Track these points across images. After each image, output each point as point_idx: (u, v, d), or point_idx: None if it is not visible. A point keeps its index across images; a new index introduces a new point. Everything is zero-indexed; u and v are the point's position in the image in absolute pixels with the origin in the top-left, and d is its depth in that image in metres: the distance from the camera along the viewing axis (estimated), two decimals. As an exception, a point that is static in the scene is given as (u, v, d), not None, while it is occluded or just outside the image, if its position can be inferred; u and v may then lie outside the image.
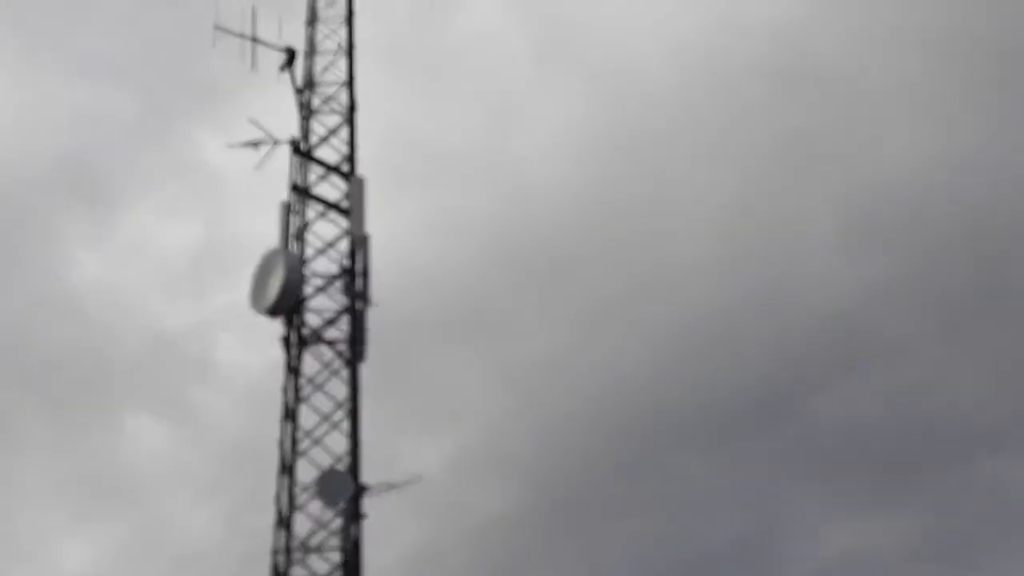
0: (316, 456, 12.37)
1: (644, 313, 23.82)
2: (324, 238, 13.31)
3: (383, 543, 12.18)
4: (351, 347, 12.73)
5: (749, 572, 22.95)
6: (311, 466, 12.31)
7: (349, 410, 12.51)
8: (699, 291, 23.92)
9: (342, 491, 12.01)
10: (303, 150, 13.63)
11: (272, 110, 13.92)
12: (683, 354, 23.70)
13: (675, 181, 24.77)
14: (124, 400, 24.20)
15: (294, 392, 12.66)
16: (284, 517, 12.18)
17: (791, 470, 23.98)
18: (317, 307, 13.00)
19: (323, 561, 11.96)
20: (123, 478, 23.47)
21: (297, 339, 12.82)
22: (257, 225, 13.90)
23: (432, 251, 21.61)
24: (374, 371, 12.77)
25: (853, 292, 24.31)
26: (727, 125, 24.75)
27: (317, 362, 12.76)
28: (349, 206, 13.39)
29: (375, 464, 12.31)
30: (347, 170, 13.57)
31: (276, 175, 13.59)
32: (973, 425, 23.73)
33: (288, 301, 12.85)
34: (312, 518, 12.11)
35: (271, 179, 13.63)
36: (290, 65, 13.87)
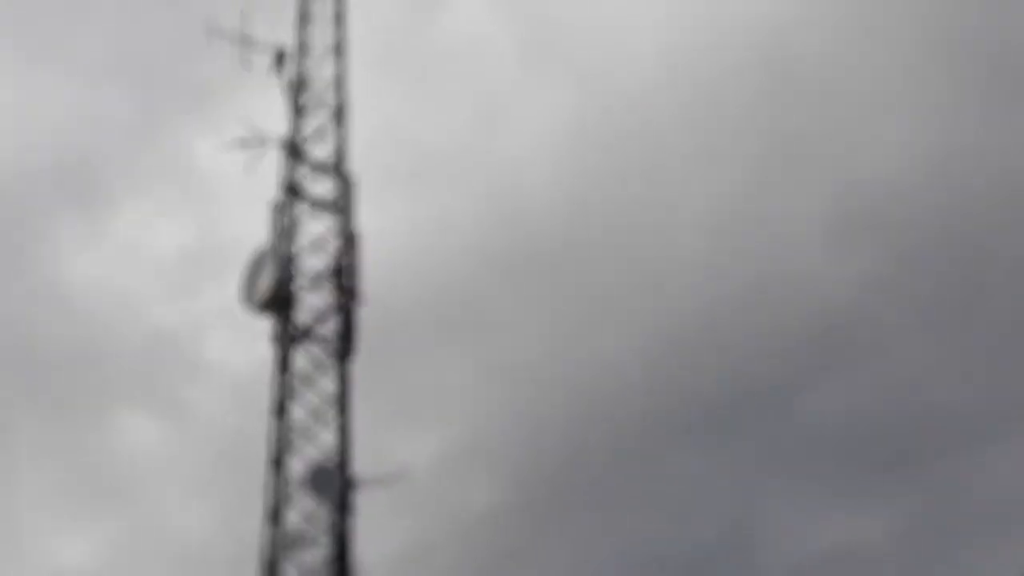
0: (306, 451, 12.40)
1: (632, 310, 23.93)
2: (314, 236, 13.35)
3: (372, 538, 12.23)
4: (341, 344, 12.74)
5: (738, 567, 23.03)
6: (301, 461, 12.33)
7: (339, 406, 12.53)
8: (688, 288, 24.03)
9: (332, 486, 12.06)
10: (293, 149, 13.67)
11: (264, 110, 14.00)
12: (672, 350, 23.80)
13: (663, 180, 24.87)
14: (118, 398, 24.27)
15: (284, 388, 12.68)
16: (273, 512, 12.22)
17: (780, 465, 24.09)
18: (307, 304, 13.02)
19: (313, 555, 11.98)
20: (117, 475, 23.54)
21: (287, 336, 12.84)
22: (248, 224, 13.95)
23: (421, 249, 21.67)
24: (364, 368, 12.82)
25: (840, 288, 24.44)
26: (715, 124, 24.85)
27: (307, 359, 12.78)
28: (340, 204, 13.43)
29: (365, 459, 12.37)
30: (338, 168, 13.61)
31: (268, 174, 13.64)
32: (960, 420, 23.87)
33: (278, 298, 12.88)
34: (302, 513, 12.16)
35: (263, 178, 13.69)
36: (280, 65, 13.93)
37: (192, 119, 24.81)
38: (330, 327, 12.86)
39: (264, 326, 12.97)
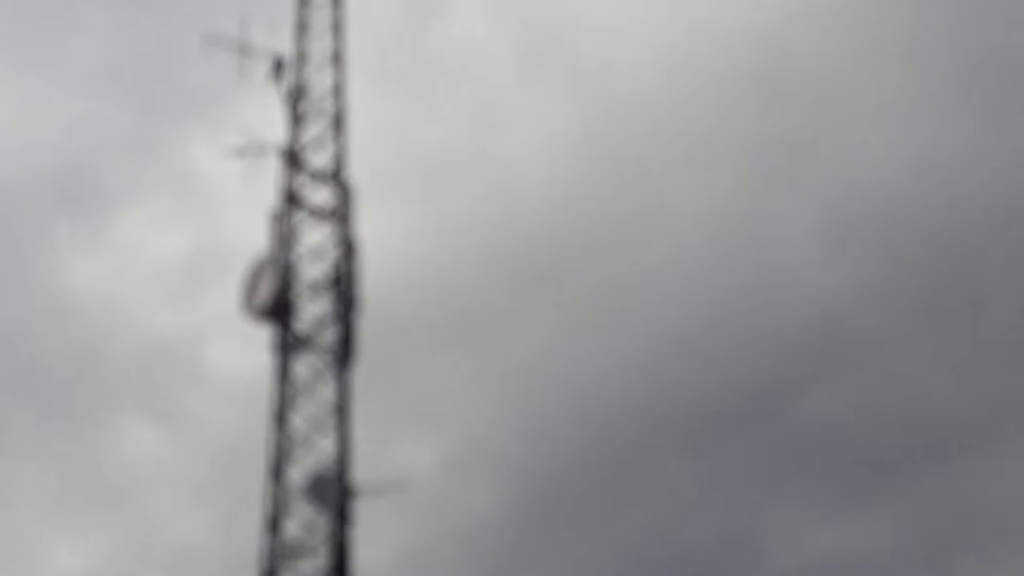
0: (306, 460, 12.38)
1: (630, 315, 23.90)
2: (314, 244, 13.33)
3: (372, 545, 12.20)
4: (341, 352, 12.73)
5: (736, 573, 22.99)
6: (301, 470, 12.31)
7: (339, 415, 12.51)
8: (684, 292, 24.02)
9: (331, 495, 12.02)
10: (292, 157, 13.66)
11: (263, 118, 14.01)
12: (668, 354, 23.79)
13: (660, 184, 24.85)
14: (117, 405, 24.25)
15: (284, 396, 12.67)
16: (272, 521, 12.21)
17: (777, 470, 24.06)
18: (307, 313, 13.01)
19: (311, 565, 11.96)
20: (116, 482, 23.50)
21: (287, 344, 12.83)
22: (247, 232, 13.92)
23: (421, 257, 21.64)
24: (364, 376, 12.81)
25: (834, 293, 24.43)
26: (711, 128, 24.84)
27: (307, 367, 12.77)
28: (339, 212, 13.42)
29: (365, 467, 12.35)
30: (337, 176, 13.59)
31: (267, 182, 13.64)
32: (959, 425, 23.84)
33: (278, 307, 12.87)
34: (301, 522, 12.13)
35: (262, 186, 13.69)
36: (279, 73, 13.92)
37: (191, 127, 24.83)
38: (330, 335, 12.85)
39: (263, 334, 12.97)
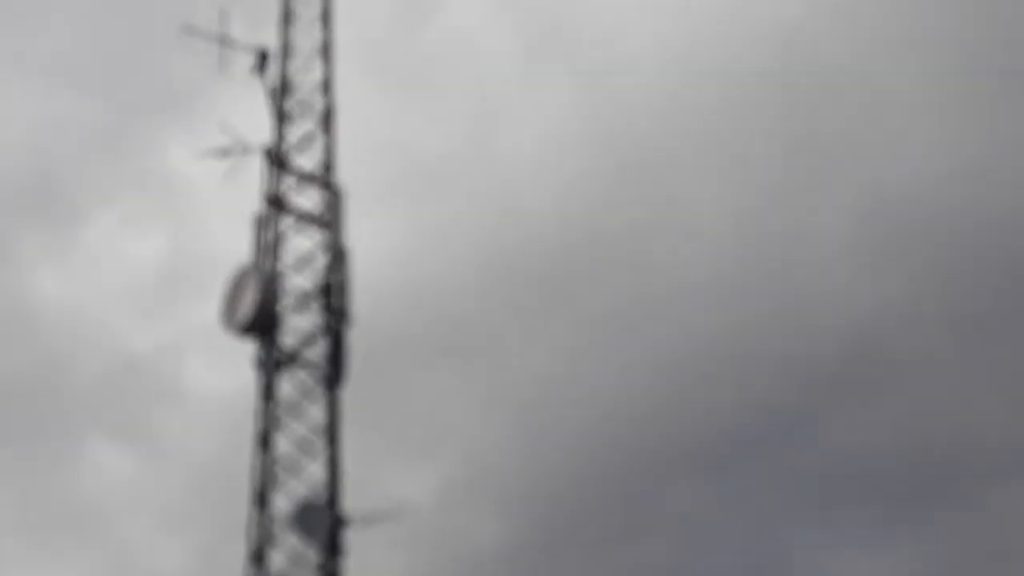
0: (292, 487, 12.31)
1: (645, 333, 23.78)
2: (300, 252, 13.29)
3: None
4: (330, 369, 12.67)
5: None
6: (287, 498, 12.24)
7: (328, 437, 12.44)
8: (705, 310, 23.88)
9: (320, 524, 11.90)
10: (277, 158, 13.60)
11: (245, 116, 13.92)
12: (687, 377, 23.66)
13: (678, 193, 24.75)
14: (87, 427, 24.17)
15: (268, 417, 12.58)
16: (257, 552, 12.08)
17: (800, 498, 23.94)
18: (293, 326, 12.95)
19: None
20: (86, 510, 23.42)
21: (271, 361, 12.76)
22: (228, 239, 13.88)
23: (417, 266, 21.58)
24: (355, 395, 12.72)
25: (869, 311, 24.29)
26: (733, 133, 24.73)
27: (294, 386, 12.71)
28: (327, 218, 13.36)
29: (356, 494, 12.26)
30: (325, 179, 13.54)
31: (249, 185, 13.59)
32: (992, 454, 23.71)
33: (262, 320, 12.80)
34: (288, 553, 12.01)
35: (244, 190, 13.63)
36: (262, 67, 13.85)
37: (167, 126, 24.75)
38: (318, 351, 12.78)
39: (246, 350, 12.90)
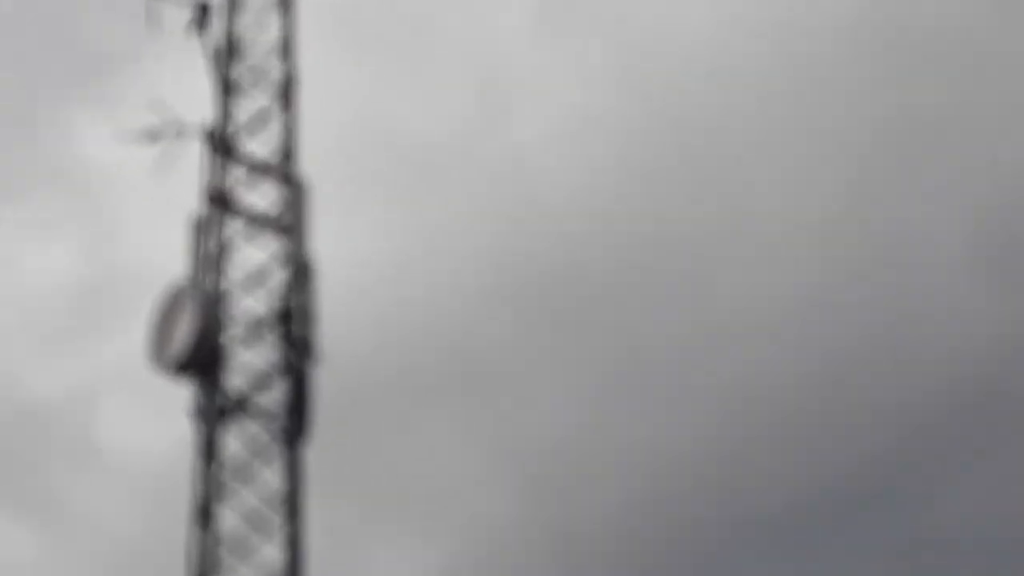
0: (242, 574, 12.30)
1: (694, 366, 23.82)
2: (252, 266, 13.27)
3: None
4: (290, 419, 12.65)
5: None
6: (235, 588, 12.31)
7: (287, 508, 12.44)
8: (777, 339, 23.89)
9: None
10: (222, 142, 13.59)
11: (180, 88, 14.02)
12: (756, 425, 23.70)
13: (743, 189, 24.80)
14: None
15: (210, 483, 12.57)
16: (196, 661, 12.10)
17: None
18: (242, 363, 12.93)
19: None
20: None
21: (214, 409, 12.74)
22: (158, 248, 13.89)
23: (403, 284, 21.65)
24: (323, 453, 12.72)
25: (993, 338, 24.28)
26: (815, 112, 24.78)
27: (243, 441, 12.71)
28: (287, 220, 13.36)
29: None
30: (284, 170, 13.53)
31: (186, 177, 13.59)
32: None
33: (201, 355, 12.77)
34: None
35: (179, 183, 13.65)
36: (202, 24, 13.86)
37: (80, 101, 24.82)
38: (275, 396, 12.77)
39: (181, 394, 12.88)
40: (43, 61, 24.94)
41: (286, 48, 13.89)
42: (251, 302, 13.11)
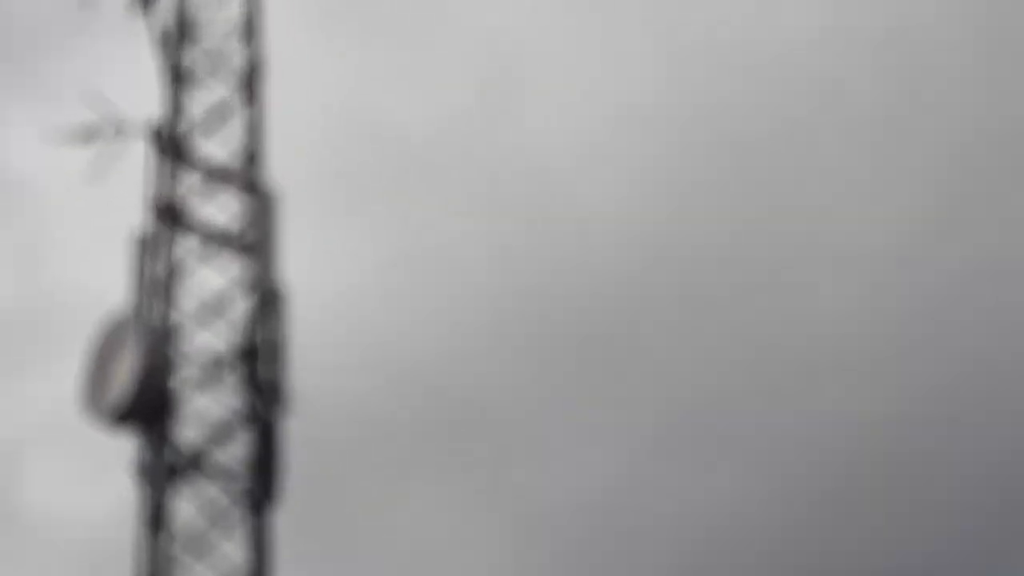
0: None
1: (759, 420, 23.79)
2: (209, 293, 13.35)
3: None
4: (255, 480, 12.72)
5: None
6: None
7: (252, 588, 12.51)
8: (855, 380, 23.88)
9: None
10: (171, 143, 13.67)
11: (120, 77, 14.14)
12: (830, 487, 23.65)
13: (814, 202, 24.80)
14: None
15: (157, 557, 12.59)
16: None
17: None
18: (196, 412, 12.99)
19: None
20: None
21: (162, 467, 12.77)
22: (94, 271, 13.92)
23: (391, 313, 21.64)
24: (295, 520, 12.79)
25: None
26: (900, 112, 24.79)
27: (199, 506, 12.75)
28: (251, 238, 13.45)
29: None
30: (247, 176, 13.63)
31: (128, 185, 13.68)
32: None
33: (146, 401, 12.81)
34: None
35: (119, 193, 13.75)
36: (147, 1, 13.93)
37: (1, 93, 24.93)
38: (236, 451, 12.83)
39: (123, 448, 12.91)
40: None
41: (249, 28, 14.01)
42: (207, 337, 13.21)
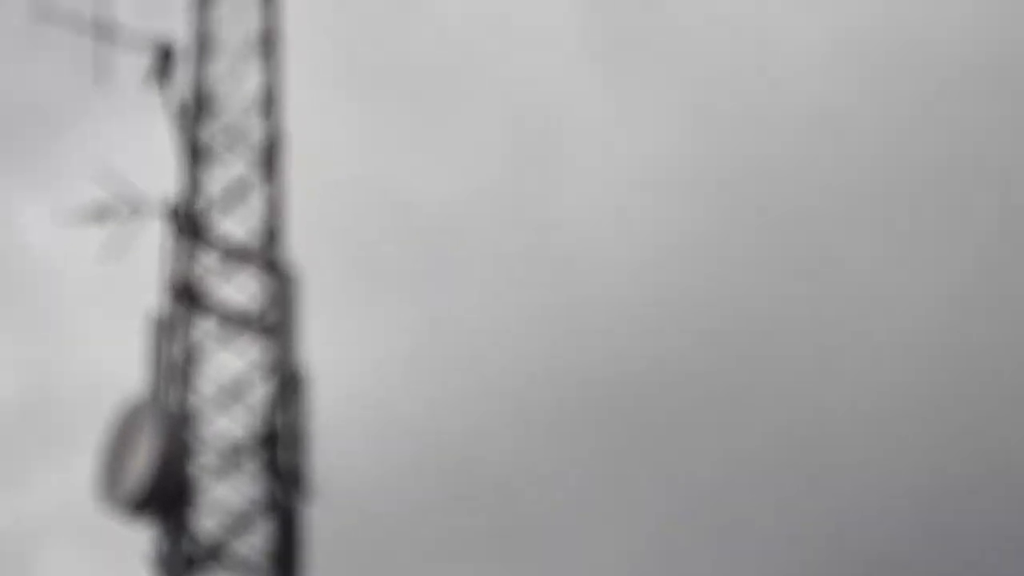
0: None
1: (803, 508, 23.69)
2: (228, 377, 13.35)
3: None
4: (276, 570, 12.68)
5: None
6: None
7: None
8: (903, 462, 23.77)
9: None
10: (189, 221, 13.71)
11: (136, 154, 14.21)
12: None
13: (855, 265, 24.74)
14: None
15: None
16: None
17: None
18: (215, 501, 12.98)
19: None
20: None
21: (180, 558, 12.74)
22: (109, 355, 13.90)
23: (418, 399, 21.60)
24: None
25: None
26: (946, 163, 24.73)
27: None
28: (271, 319, 13.48)
29: None
30: (267, 256, 13.66)
31: (144, 266, 13.70)
32: None
33: (163, 490, 12.80)
34: None
35: (135, 273, 13.77)
36: (164, 73, 14.04)
37: (12, 171, 25.01)
38: (256, 542, 12.79)
39: (140, 539, 12.88)
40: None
41: (269, 102, 14.07)
42: (226, 422, 13.20)
